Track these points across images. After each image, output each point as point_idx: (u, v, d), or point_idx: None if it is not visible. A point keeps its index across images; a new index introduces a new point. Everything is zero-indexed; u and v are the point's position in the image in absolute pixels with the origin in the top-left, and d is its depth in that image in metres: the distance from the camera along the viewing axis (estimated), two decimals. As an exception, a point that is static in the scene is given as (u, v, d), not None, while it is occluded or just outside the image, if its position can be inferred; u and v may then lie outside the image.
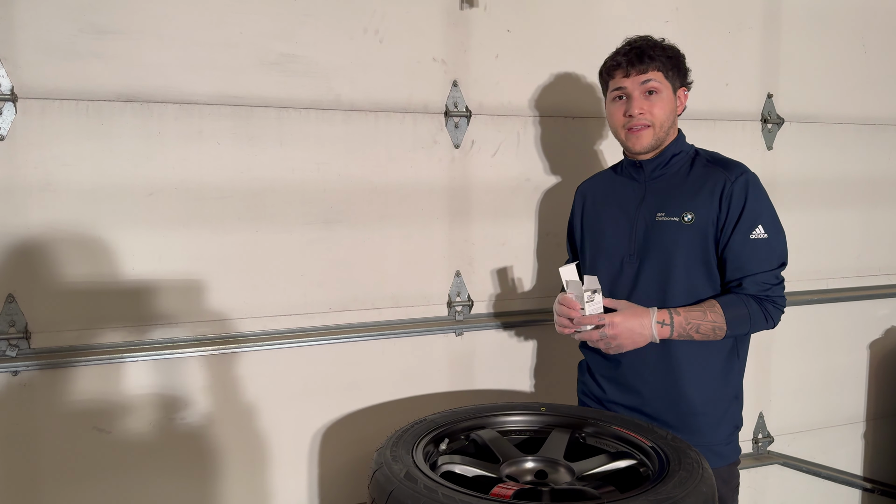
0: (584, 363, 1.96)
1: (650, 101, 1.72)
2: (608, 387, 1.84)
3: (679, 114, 1.80)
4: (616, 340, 1.65)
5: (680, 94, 1.77)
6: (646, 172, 1.79)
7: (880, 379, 2.84)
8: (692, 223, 1.70)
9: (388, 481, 1.33)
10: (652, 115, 1.71)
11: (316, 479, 2.09)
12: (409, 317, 2.14)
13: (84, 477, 1.84)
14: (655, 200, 1.76)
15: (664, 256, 1.72)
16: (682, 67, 1.77)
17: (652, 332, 1.64)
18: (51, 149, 1.75)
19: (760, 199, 1.70)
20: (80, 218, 1.79)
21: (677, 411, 1.74)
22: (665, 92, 1.72)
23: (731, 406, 1.78)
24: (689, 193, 1.72)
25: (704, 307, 1.66)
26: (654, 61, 1.70)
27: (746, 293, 1.68)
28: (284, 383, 2.02)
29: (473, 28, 2.12)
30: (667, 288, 1.71)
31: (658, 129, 1.72)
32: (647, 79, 1.71)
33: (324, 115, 1.99)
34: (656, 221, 1.74)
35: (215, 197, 1.90)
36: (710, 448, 1.70)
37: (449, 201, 2.15)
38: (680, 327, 1.63)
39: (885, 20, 2.67)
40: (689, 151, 1.79)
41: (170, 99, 1.84)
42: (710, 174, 1.72)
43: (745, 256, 1.67)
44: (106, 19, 1.77)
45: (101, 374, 1.83)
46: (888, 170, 2.75)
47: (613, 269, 1.80)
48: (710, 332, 1.65)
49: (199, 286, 1.91)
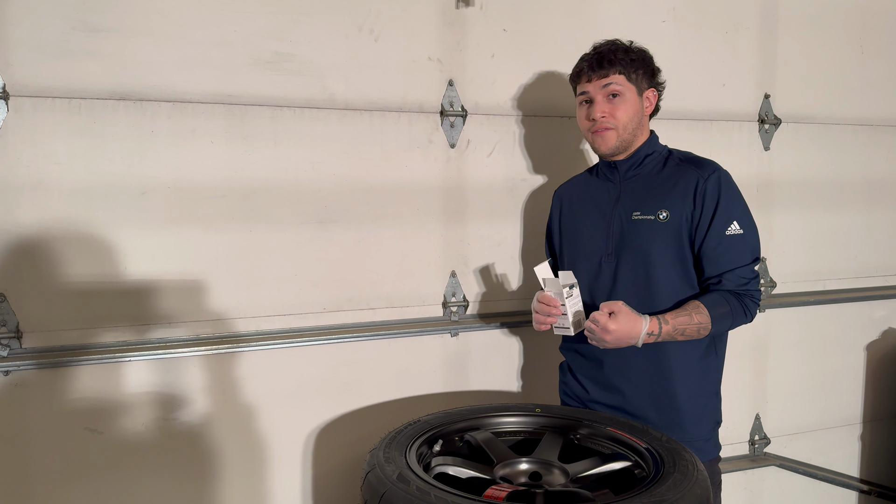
0: (564, 364, 1.98)
1: (613, 104, 1.75)
2: (591, 386, 1.86)
3: (650, 114, 1.83)
4: (605, 343, 1.64)
5: (648, 95, 1.80)
6: (620, 173, 1.82)
7: (877, 381, 2.84)
8: (667, 221, 1.72)
9: (381, 483, 1.32)
10: (614, 117, 1.75)
11: (310, 480, 2.08)
12: (404, 317, 2.13)
13: (76, 477, 1.83)
14: (631, 200, 1.79)
15: (641, 254, 1.75)
16: (649, 69, 1.80)
17: (639, 341, 1.65)
18: (43, 147, 1.74)
19: (733, 195, 1.73)
20: (73, 217, 1.78)
21: (659, 408, 1.76)
22: (628, 94, 1.75)
23: (711, 402, 1.81)
24: (663, 192, 1.75)
25: (690, 310, 1.67)
26: (614, 66, 1.73)
27: (726, 289, 1.70)
28: (278, 384, 2.01)
29: (469, 27, 2.11)
30: (645, 284, 1.74)
31: (622, 131, 1.76)
32: (608, 82, 1.74)
33: (318, 115, 1.98)
34: (632, 220, 1.77)
35: (209, 196, 1.89)
36: (692, 444, 1.71)
37: (444, 201, 2.14)
38: (666, 335, 1.65)
39: (882, 21, 2.66)
40: (661, 151, 1.82)
41: (163, 97, 1.83)
42: (683, 173, 1.75)
43: (722, 252, 1.70)
44: (99, 17, 1.76)
45: (94, 375, 1.82)
46: (885, 171, 2.74)
47: (592, 269, 1.83)
48: (694, 333, 1.67)
49: (192, 286, 1.89)
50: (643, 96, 1.79)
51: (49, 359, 1.77)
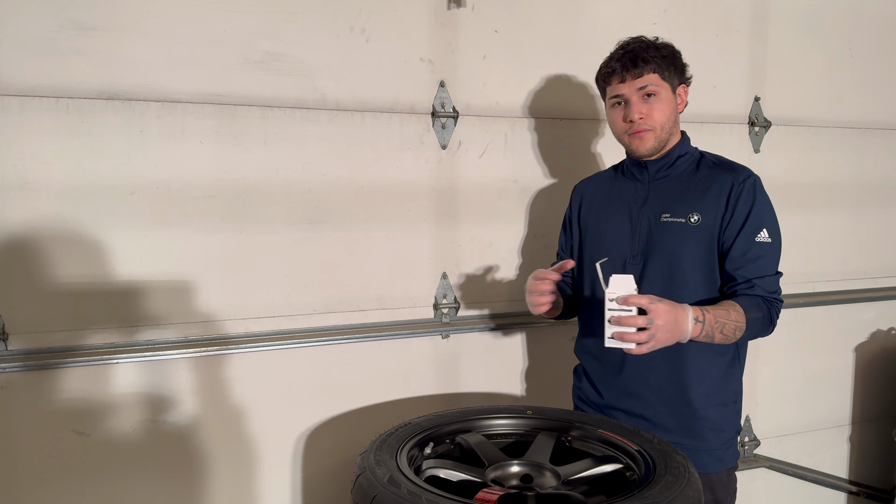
0: (579, 368, 1.94)
1: (649, 104, 1.69)
2: (607, 392, 1.82)
3: (681, 111, 1.77)
4: (659, 332, 1.46)
5: (680, 92, 1.75)
6: (650, 173, 1.77)
7: (866, 382, 2.85)
8: (698, 224, 1.68)
9: (371, 486, 1.31)
10: (652, 118, 1.69)
11: (300, 483, 2.07)
12: (395, 319, 2.12)
13: (64, 480, 1.81)
14: (660, 201, 1.74)
15: (669, 257, 1.70)
16: (679, 64, 1.74)
17: (688, 328, 1.51)
18: (30, 146, 1.72)
19: (765, 203, 1.69)
20: (60, 217, 1.76)
21: (678, 416, 1.72)
22: (664, 93, 1.70)
23: (732, 410, 1.76)
24: (695, 195, 1.70)
25: (727, 306, 1.60)
26: (648, 64, 1.67)
27: (758, 295, 1.65)
28: (268, 386, 1.99)
29: (461, 28, 2.11)
30: (672, 289, 1.67)
31: (660, 132, 1.71)
32: (643, 83, 1.68)
33: (309, 115, 1.97)
34: (661, 222, 1.72)
35: (198, 197, 1.87)
36: (712, 453, 1.69)
37: (436, 202, 2.13)
38: (709, 325, 1.55)
39: (871, 24, 2.68)
40: (693, 153, 1.78)
41: (152, 97, 1.81)
42: (716, 176, 1.70)
43: (751, 258, 1.65)
44: (87, 15, 1.74)
45: (81, 377, 1.80)
46: (874, 173, 2.76)
47: (615, 271, 1.76)
48: (731, 333, 1.59)
49: (181, 287, 1.88)
50: (676, 93, 1.73)
51: (36, 361, 1.75)
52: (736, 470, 1.80)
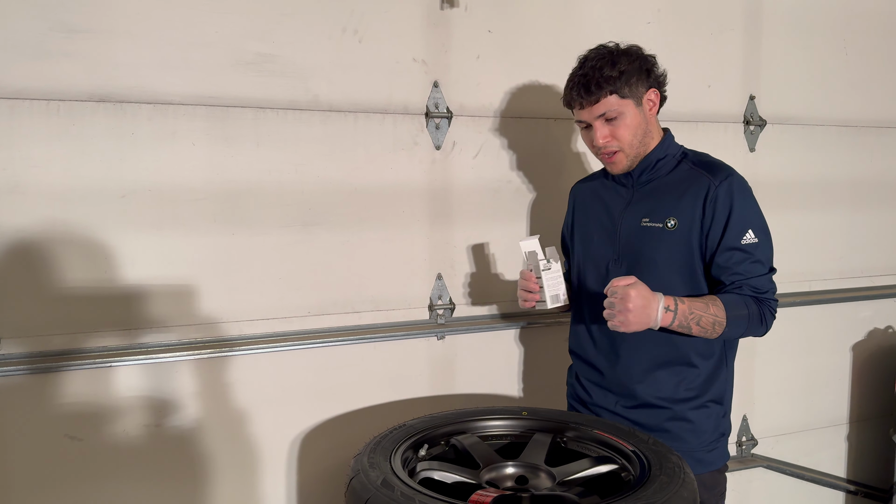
0: (573, 368, 1.95)
1: (612, 125, 1.67)
2: (594, 391, 1.84)
3: (655, 113, 1.74)
4: (625, 314, 1.50)
5: (649, 97, 1.70)
6: (634, 178, 1.76)
7: (863, 381, 2.85)
8: (675, 229, 1.67)
9: (365, 488, 1.30)
10: (617, 139, 1.68)
11: (295, 485, 2.05)
12: (390, 320, 2.12)
13: (59, 486, 1.80)
14: (642, 205, 1.74)
15: (648, 262, 1.70)
16: (643, 72, 1.67)
17: (657, 316, 1.53)
18: (20, 150, 1.71)
19: (747, 202, 1.66)
20: (51, 220, 1.74)
21: (654, 416, 1.73)
22: (627, 111, 1.66)
23: (715, 413, 1.76)
24: (673, 199, 1.69)
25: (706, 300, 1.60)
26: (603, 89, 1.63)
27: (746, 294, 1.63)
28: (262, 388, 1.98)
29: (454, 28, 2.10)
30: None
31: (629, 149, 1.69)
32: (602, 110, 1.65)
33: (301, 116, 1.96)
34: (641, 227, 1.72)
35: (190, 199, 1.86)
36: (692, 454, 1.68)
37: (430, 203, 2.12)
38: (682, 316, 1.56)
39: (866, 23, 2.68)
40: (675, 154, 1.75)
41: (143, 99, 1.80)
42: (694, 178, 1.68)
43: (736, 262, 1.63)
44: (77, 17, 1.73)
45: (75, 381, 1.79)
46: (870, 172, 2.75)
47: (600, 274, 1.79)
48: (709, 327, 1.58)
49: (173, 290, 1.87)
50: (643, 103, 1.69)
51: (29, 365, 1.74)
52: (726, 471, 1.80)
